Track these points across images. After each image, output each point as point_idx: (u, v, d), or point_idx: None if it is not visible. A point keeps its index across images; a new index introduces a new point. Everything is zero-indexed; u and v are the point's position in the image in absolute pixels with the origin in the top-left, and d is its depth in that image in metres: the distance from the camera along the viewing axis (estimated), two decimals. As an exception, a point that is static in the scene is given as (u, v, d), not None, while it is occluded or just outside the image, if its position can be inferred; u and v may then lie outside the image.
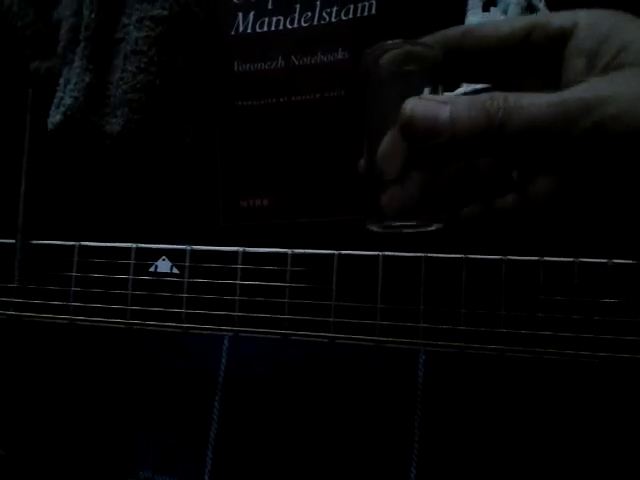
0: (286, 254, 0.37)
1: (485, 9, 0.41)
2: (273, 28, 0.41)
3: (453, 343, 0.36)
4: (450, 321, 0.36)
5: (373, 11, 0.40)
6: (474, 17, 0.41)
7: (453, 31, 0.31)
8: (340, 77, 0.40)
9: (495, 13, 0.41)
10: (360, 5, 0.40)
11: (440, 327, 0.36)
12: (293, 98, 0.41)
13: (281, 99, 0.41)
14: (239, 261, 0.37)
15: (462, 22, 0.41)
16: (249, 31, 0.42)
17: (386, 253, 0.37)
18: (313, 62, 0.41)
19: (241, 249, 0.38)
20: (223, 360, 0.43)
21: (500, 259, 0.36)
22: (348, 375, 0.43)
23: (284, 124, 0.41)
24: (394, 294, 0.36)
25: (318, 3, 0.41)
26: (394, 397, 0.41)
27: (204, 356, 0.44)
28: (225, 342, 0.43)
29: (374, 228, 0.31)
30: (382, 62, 0.29)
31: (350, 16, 0.40)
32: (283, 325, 0.36)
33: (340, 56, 0.40)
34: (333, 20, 0.40)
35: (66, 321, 0.38)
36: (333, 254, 0.36)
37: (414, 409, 0.41)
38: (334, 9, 0.40)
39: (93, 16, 0.41)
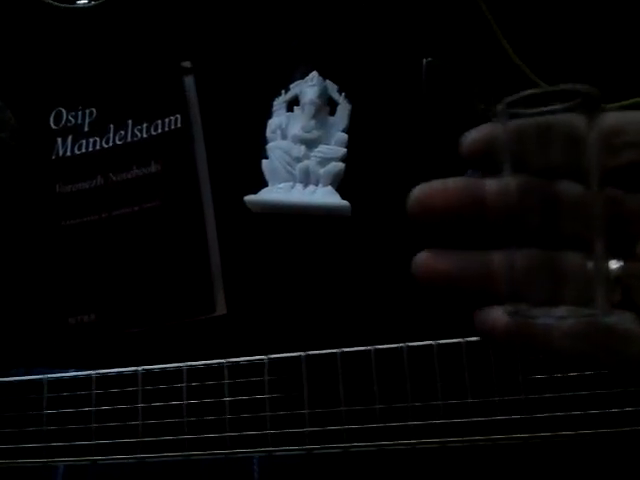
0: (136, 373, 0.36)
1: (289, 109, 0.44)
2: (90, 149, 0.43)
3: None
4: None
5: (179, 124, 0.42)
6: (279, 118, 0.43)
7: None
8: (155, 188, 0.42)
9: (298, 112, 0.43)
10: (167, 120, 0.42)
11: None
12: (113, 213, 0.42)
13: (102, 215, 0.42)
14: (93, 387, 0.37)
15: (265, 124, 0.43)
16: (68, 154, 0.43)
17: (231, 360, 0.36)
18: (129, 177, 0.42)
19: (94, 373, 0.37)
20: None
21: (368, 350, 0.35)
22: None
23: (106, 239, 0.42)
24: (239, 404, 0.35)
25: (130, 122, 0.43)
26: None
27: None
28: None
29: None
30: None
31: (159, 131, 0.42)
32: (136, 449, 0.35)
33: (154, 169, 0.42)
34: (144, 136, 0.42)
35: None
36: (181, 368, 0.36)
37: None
38: (144, 126, 0.42)
39: None
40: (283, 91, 0.44)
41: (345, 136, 0.41)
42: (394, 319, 0.40)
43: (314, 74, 0.43)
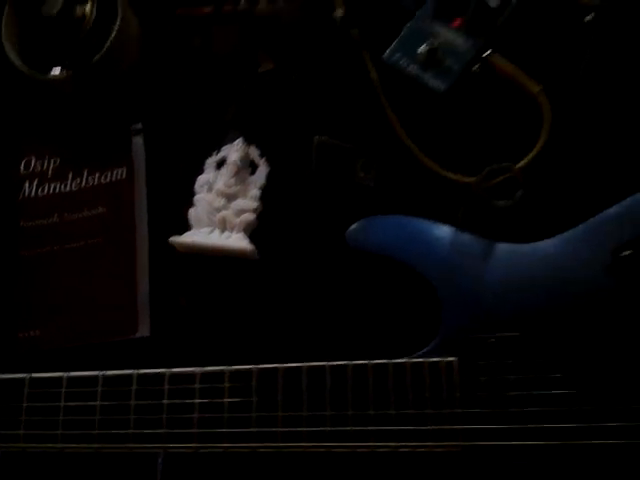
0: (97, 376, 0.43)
1: (218, 168, 0.52)
2: (51, 192, 0.52)
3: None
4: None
5: (124, 175, 0.51)
6: (207, 175, 0.51)
7: None
8: (99, 227, 0.50)
9: (224, 170, 0.52)
10: (115, 171, 0.51)
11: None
12: (64, 246, 0.50)
13: (55, 247, 0.50)
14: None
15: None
16: (33, 195, 0.52)
17: (140, 371, 0.43)
18: (80, 216, 0.51)
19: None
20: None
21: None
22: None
23: (56, 268, 0.50)
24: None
25: (85, 171, 0.52)
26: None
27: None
28: None
29: None
30: None
31: (107, 180, 0.51)
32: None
33: (100, 211, 0.51)
34: (95, 183, 0.51)
35: None
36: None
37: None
38: (96, 175, 0.52)
39: None
40: (215, 153, 0.53)
41: (259, 192, 0.50)
42: (286, 342, 0.47)
43: (239, 140, 0.52)
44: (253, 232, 0.49)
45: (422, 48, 0.50)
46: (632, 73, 0.49)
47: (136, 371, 0.42)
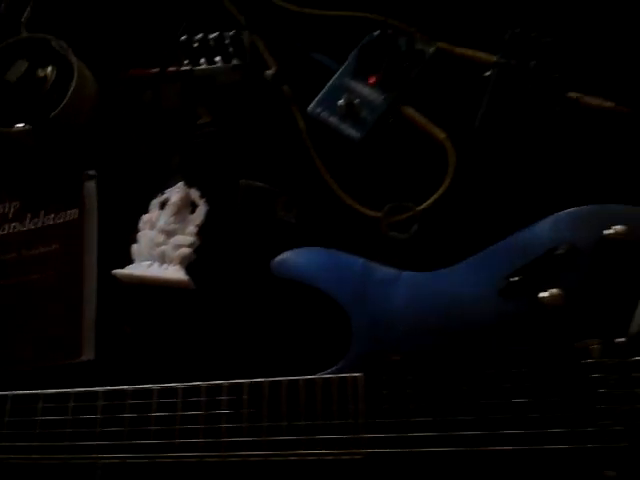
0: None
1: (161, 207, 0.58)
2: (11, 231, 0.58)
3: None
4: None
5: (76, 216, 0.57)
6: (151, 214, 0.57)
7: None
8: (53, 262, 0.56)
9: (166, 210, 0.57)
10: (68, 212, 0.57)
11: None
12: (22, 279, 0.56)
13: (13, 280, 0.56)
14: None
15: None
16: (-6, 234, 0.58)
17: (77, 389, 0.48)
18: (36, 253, 0.56)
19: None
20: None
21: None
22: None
23: (14, 298, 0.55)
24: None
25: (42, 212, 0.58)
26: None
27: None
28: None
29: None
30: None
31: (61, 220, 0.57)
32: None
33: (53, 247, 0.56)
34: (51, 223, 0.57)
35: None
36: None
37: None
38: (52, 216, 0.58)
39: None
40: (159, 195, 0.59)
41: (195, 229, 0.55)
42: (218, 361, 0.52)
43: (181, 184, 0.58)
44: (190, 264, 0.55)
45: (341, 102, 0.57)
46: (525, 121, 0.56)
47: (74, 390, 0.47)
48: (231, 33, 0.58)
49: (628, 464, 0.44)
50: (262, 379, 0.47)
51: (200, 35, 0.58)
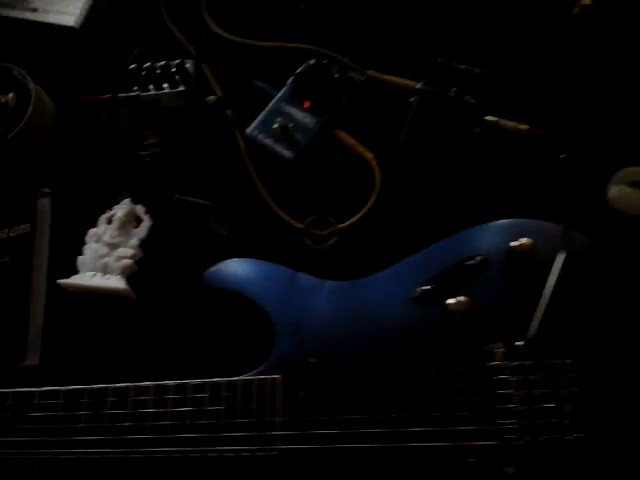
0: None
1: (108, 222, 0.62)
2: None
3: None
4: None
5: (27, 230, 0.61)
6: (98, 228, 0.61)
7: None
8: (2, 274, 0.60)
9: (112, 225, 0.61)
10: (20, 227, 0.61)
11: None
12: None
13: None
14: None
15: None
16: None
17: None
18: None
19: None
20: None
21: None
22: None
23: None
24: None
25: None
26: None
27: None
28: None
29: None
30: None
31: (13, 234, 0.62)
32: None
33: (4, 260, 0.61)
34: (4, 237, 0.62)
35: None
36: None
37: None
38: (6, 230, 0.62)
39: None
40: (108, 210, 0.63)
41: (137, 242, 0.59)
42: (157, 365, 0.55)
43: (127, 201, 0.62)
44: (132, 275, 0.59)
45: (276, 125, 0.62)
46: (445, 142, 0.60)
47: (11, 390, 0.50)
48: (176, 62, 0.63)
49: (527, 461, 0.48)
50: (187, 380, 0.51)
51: (148, 64, 0.63)
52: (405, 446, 0.49)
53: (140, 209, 0.62)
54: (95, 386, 0.50)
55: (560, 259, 0.50)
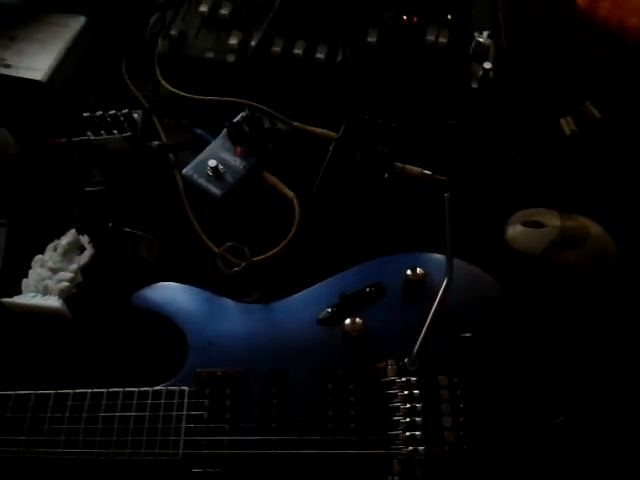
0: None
1: (54, 250, 0.69)
2: None
3: None
4: None
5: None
6: (45, 254, 0.67)
7: None
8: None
9: (56, 252, 0.68)
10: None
11: None
12: None
13: None
14: None
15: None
16: None
17: None
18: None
19: None
20: None
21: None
22: None
23: None
24: None
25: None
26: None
27: None
28: None
29: None
30: None
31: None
32: None
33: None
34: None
35: None
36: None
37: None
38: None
39: None
40: (56, 239, 0.70)
41: (76, 267, 0.66)
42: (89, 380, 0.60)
43: (72, 231, 0.69)
44: (71, 298, 0.65)
45: (208, 168, 0.69)
46: (357, 185, 0.67)
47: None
48: (125, 111, 0.71)
49: (409, 472, 0.52)
50: (104, 389, 0.56)
51: (100, 112, 0.71)
52: (297, 453, 0.53)
53: (84, 239, 0.69)
54: (20, 392, 0.56)
55: (443, 285, 0.56)
